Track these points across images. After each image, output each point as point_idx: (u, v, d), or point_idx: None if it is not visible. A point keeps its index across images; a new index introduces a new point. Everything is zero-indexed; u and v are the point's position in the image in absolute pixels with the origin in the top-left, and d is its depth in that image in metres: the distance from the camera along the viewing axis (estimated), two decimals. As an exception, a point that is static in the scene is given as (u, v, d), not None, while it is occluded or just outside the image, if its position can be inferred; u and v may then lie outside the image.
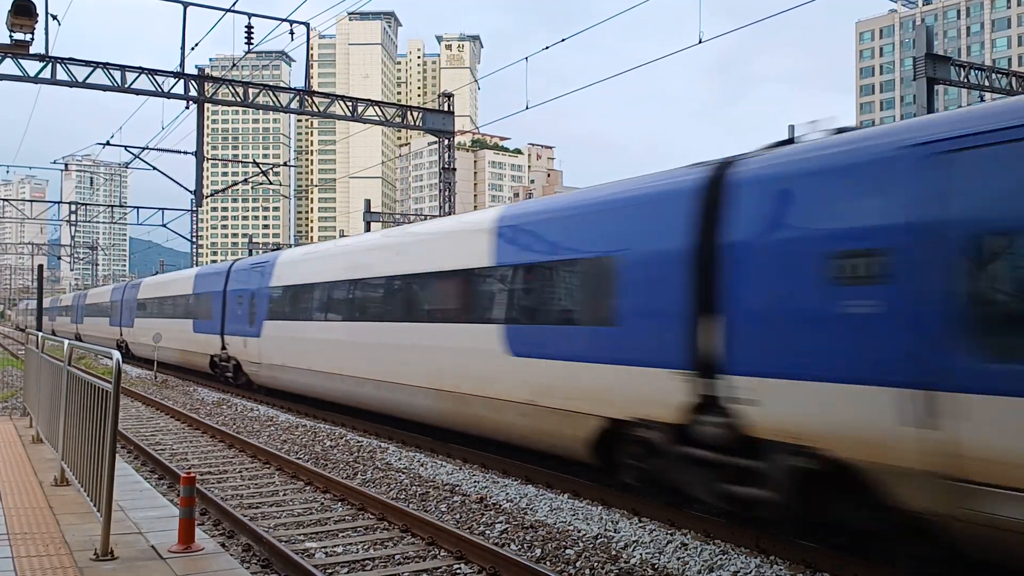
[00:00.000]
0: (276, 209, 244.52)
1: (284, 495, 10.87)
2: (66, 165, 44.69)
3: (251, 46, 23.94)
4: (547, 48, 20.87)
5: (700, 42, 17.43)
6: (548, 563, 7.82)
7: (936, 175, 6.56)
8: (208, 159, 26.68)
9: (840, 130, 8.26)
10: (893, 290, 6.73)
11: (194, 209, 50.66)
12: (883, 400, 6.71)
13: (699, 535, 8.77)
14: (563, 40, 20.20)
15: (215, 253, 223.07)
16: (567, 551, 8.11)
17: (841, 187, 7.35)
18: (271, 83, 29.25)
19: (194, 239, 54.16)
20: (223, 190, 34.24)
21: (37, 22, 15.19)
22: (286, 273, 20.09)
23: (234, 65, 30.53)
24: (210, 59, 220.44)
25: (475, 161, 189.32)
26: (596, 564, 7.71)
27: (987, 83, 26.26)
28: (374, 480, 11.65)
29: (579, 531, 8.82)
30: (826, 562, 7.63)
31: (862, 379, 6.90)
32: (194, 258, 55.70)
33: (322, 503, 10.36)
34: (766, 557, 7.97)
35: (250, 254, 57.68)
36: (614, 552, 8.07)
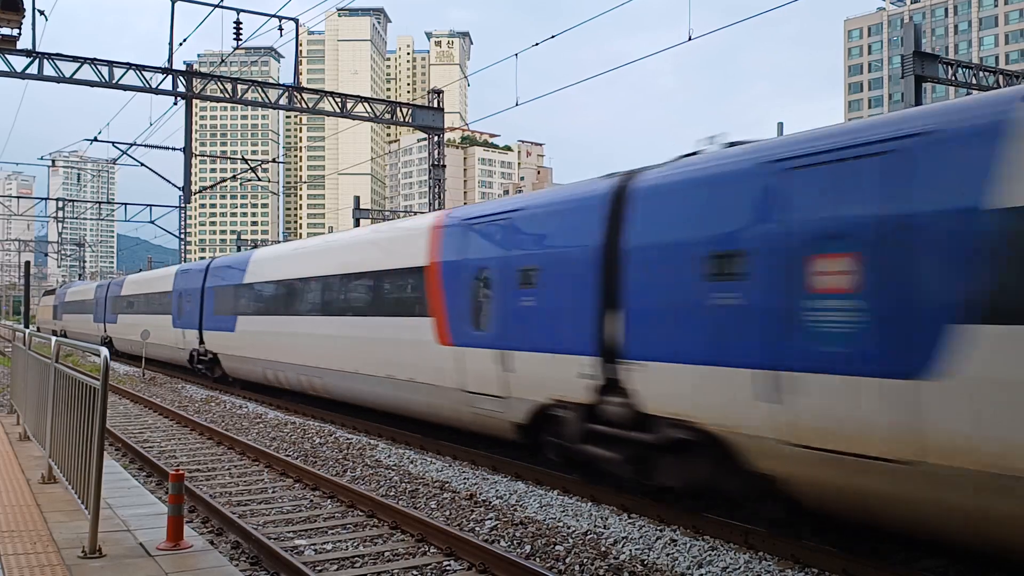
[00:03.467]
0: (265, 206, 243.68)
1: (273, 492, 10.85)
2: (53, 161, 44.50)
3: (240, 42, 23.84)
4: (537, 44, 20.87)
5: (690, 39, 17.46)
6: (538, 559, 7.83)
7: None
8: (196, 155, 26.58)
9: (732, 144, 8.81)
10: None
11: (182, 206, 50.49)
12: None
13: (688, 531, 8.80)
14: (553, 37, 20.20)
15: (203, 250, 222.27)
16: (557, 547, 8.12)
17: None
18: (260, 79, 29.15)
19: (182, 236, 53.98)
20: (211, 186, 34.14)
21: (24, 17, 15.10)
22: None
23: (222, 61, 30.42)
24: (198, 55, 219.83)
25: (465, 158, 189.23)
26: (586, 560, 7.72)
27: (974, 81, 26.41)
28: (364, 477, 11.64)
29: (569, 527, 8.83)
30: (814, 558, 7.66)
31: None
32: (183, 255, 55.49)
33: (311, 500, 10.34)
34: (755, 553, 8.00)
35: (238, 250, 55.28)
36: (603, 548, 8.09)
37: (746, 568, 7.51)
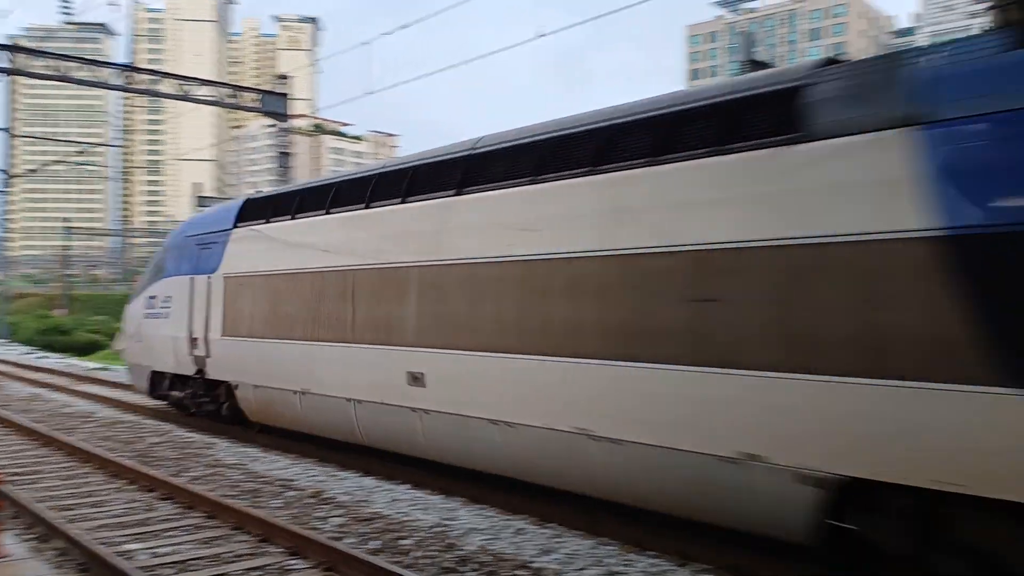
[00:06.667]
0: (100, 191, 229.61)
1: (105, 495, 10.25)
2: None
3: (69, 16, 22.34)
4: (387, 34, 20.63)
5: (539, 36, 17.72)
6: (385, 555, 7.76)
7: None
8: (18, 136, 24.76)
9: None
10: None
11: (3, 190, 46.81)
12: None
13: (535, 520, 8.94)
14: (405, 27, 20.04)
15: (30, 239, 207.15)
16: (404, 542, 8.08)
17: None
18: (92, 57, 27.45)
19: (2, 222, 50.11)
20: (35, 170, 31.93)
21: None
22: None
23: (49, 36, 28.41)
24: (24, 28, 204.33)
25: (316, 146, 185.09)
26: (434, 552, 7.72)
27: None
28: (203, 477, 11.18)
29: (418, 521, 8.81)
30: (655, 541, 7.96)
31: None
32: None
33: (146, 503, 9.84)
34: (599, 538, 8.24)
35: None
36: (451, 540, 8.11)
37: (590, 552, 7.72)
